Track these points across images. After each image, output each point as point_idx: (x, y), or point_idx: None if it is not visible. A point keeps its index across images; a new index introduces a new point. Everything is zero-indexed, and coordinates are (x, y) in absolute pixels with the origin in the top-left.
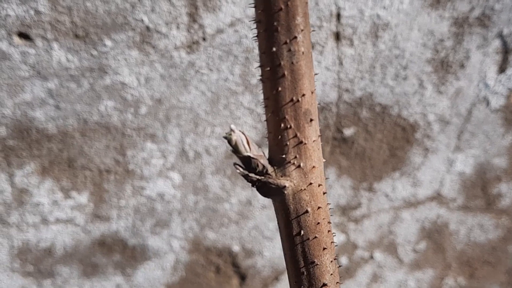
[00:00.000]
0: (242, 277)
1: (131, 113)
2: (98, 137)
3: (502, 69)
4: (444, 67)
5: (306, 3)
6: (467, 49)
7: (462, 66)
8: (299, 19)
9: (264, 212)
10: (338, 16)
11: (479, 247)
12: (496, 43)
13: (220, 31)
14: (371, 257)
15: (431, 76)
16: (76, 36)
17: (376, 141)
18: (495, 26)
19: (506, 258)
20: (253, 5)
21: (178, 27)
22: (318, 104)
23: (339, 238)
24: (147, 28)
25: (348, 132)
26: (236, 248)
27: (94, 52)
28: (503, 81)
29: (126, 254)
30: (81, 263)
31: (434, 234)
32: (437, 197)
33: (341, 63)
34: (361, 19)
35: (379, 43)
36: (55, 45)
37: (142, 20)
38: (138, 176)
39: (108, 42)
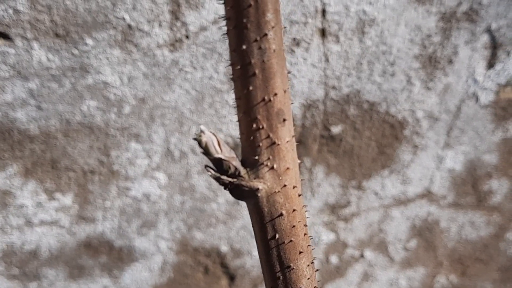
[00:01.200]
0: (231, 278)
1: (114, 113)
2: (81, 138)
3: (491, 64)
4: (432, 63)
5: None
6: (455, 45)
7: (450, 61)
8: (269, 16)
9: None
10: (323, 12)
11: (471, 244)
12: (485, 38)
13: (203, 28)
14: (362, 256)
15: (419, 72)
16: (57, 35)
17: (365, 138)
18: (483, 21)
19: (498, 255)
20: (222, 2)
21: (160, 25)
22: (305, 101)
23: (328, 237)
24: (129, 26)
25: (335, 129)
26: (224, 248)
27: (75, 51)
28: (492, 77)
29: (113, 255)
30: (67, 265)
31: (425, 232)
32: (427, 195)
33: (327, 60)
34: (346, 15)
35: (365, 39)
36: (35, 45)
37: (123, 18)
38: (123, 176)
39: (89, 41)
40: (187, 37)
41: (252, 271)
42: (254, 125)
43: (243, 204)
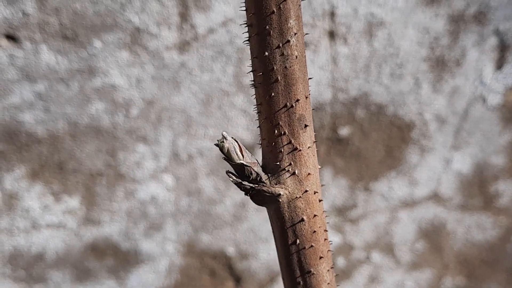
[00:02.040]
0: (237, 280)
1: (122, 115)
2: (88, 140)
3: (498, 67)
4: (440, 65)
5: (299, 5)
6: (463, 47)
7: (458, 64)
8: (292, 22)
9: (258, 214)
10: (332, 14)
11: (477, 246)
12: (492, 40)
13: (211, 31)
14: (368, 258)
15: (427, 74)
16: (65, 38)
17: (372, 140)
18: (491, 23)
19: (504, 257)
20: (244, 8)
21: (169, 28)
22: (312, 104)
23: (335, 239)
24: (137, 29)
25: (343, 132)
26: (231, 250)
27: (84, 54)
28: (499, 79)
29: (119, 258)
30: (74, 267)
31: (432, 234)
32: (434, 197)
33: (335, 62)
34: (355, 17)
35: (373, 42)
36: (43, 47)
37: (132, 21)
38: (130, 179)
39: (98, 44)
40: (195, 39)
41: (258, 273)
42: (276, 131)
43: (250, 206)
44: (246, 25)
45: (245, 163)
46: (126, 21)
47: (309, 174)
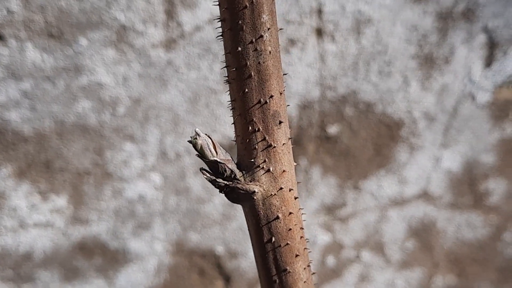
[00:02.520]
0: (227, 279)
1: (109, 114)
2: (75, 139)
3: (487, 64)
4: (428, 63)
5: (273, 0)
6: (451, 44)
7: (446, 61)
8: (265, 17)
9: None
10: (319, 12)
11: (468, 245)
12: (481, 38)
13: (198, 28)
14: (358, 257)
15: (416, 72)
16: (50, 36)
17: (361, 139)
18: (480, 20)
19: (495, 255)
20: (217, 3)
21: (155, 25)
22: (300, 102)
23: (325, 237)
24: (123, 26)
25: (332, 130)
26: (220, 249)
27: (69, 52)
28: (488, 76)
29: (108, 257)
30: (62, 267)
31: (422, 233)
32: (424, 195)
33: (323, 60)
34: (342, 14)
35: (361, 39)
36: (29, 45)
37: (118, 19)
38: (118, 177)
39: (84, 41)
40: (182, 37)
41: (248, 272)
42: (250, 128)
43: (239, 205)
44: (219, 20)
45: (218, 160)
46: (111, 19)
47: (284, 171)
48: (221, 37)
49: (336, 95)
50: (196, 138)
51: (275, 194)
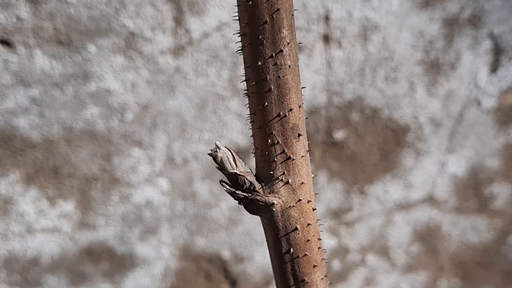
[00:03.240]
0: (233, 283)
1: (117, 120)
2: (83, 145)
3: (493, 70)
4: (434, 69)
5: (292, 15)
6: (457, 50)
7: (452, 67)
8: (285, 32)
9: (254, 217)
10: (327, 18)
11: (472, 248)
12: (487, 44)
13: (206, 35)
14: (364, 261)
15: (422, 77)
16: (59, 43)
17: (367, 144)
18: (486, 26)
19: (499, 259)
20: (237, 17)
21: (163, 32)
22: (307, 107)
23: (330, 242)
24: (132, 33)
25: (338, 135)
26: (226, 254)
27: (78, 59)
28: (494, 82)
29: (115, 261)
30: (69, 271)
31: (427, 237)
32: (429, 199)
33: (330, 66)
34: (349, 21)
35: (368, 45)
36: (38, 52)
37: (126, 26)
38: (125, 183)
39: (92, 48)
40: (190, 43)
41: (254, 276)
42: (269, 141)
43: (245, 210)
44: (239, 34)
45: (238, 172)
46: (120, 26)
47: (302, 183)
48: (241, 51)
49: (343, 100)
50: (216, 151)
51: (293, 205)
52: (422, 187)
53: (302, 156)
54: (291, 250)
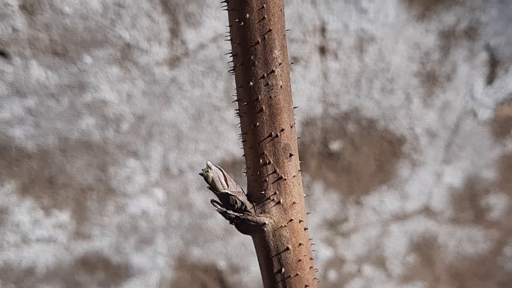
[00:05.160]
0: None
1: (112, 130)
2: (79, 155)
3: (489, 81)
4: (430, 80)
5: (284, 35)
6: (453, 62)
7: (449, 78)
8: (276, 53)
9: None
10: (323, 30)
11: (468, 259)
12: (483, 56)
13: (202, 46)
14: (360, 271)
15: (418, 89)
16: (55, 53)
17: (363, 155)
18: (482, 38)
19: (495, 270)
20: (229, 38)
21: (159, 43)
22: (303, 118)
23: (326, 252)
24: (128, 44)
25: (334, 146)
26: (222, 264)
27: (74, 69)
28: (490, 93)
29: (110, 272)
30: (64, 281)
31: (423, 247)
32: (425, 210)
33: (326, 78)
34: (346, 33)
35: (364, 57)
36: (33, 63)
37: (122, 37)
38: (121, 193)
39: (88, 59)
40: (186, 55)
41: (249, 286)
42: (261, 160)
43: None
44: (231, 55)
45: (230, 192)
46: (116, 37)
47: (294, 203)
48: (233, 71)
49: (339, 112)
50: (207, 171)
51: (285, 225)
52: (418, 198)
53: (294, 176)
54: (283, 270)
